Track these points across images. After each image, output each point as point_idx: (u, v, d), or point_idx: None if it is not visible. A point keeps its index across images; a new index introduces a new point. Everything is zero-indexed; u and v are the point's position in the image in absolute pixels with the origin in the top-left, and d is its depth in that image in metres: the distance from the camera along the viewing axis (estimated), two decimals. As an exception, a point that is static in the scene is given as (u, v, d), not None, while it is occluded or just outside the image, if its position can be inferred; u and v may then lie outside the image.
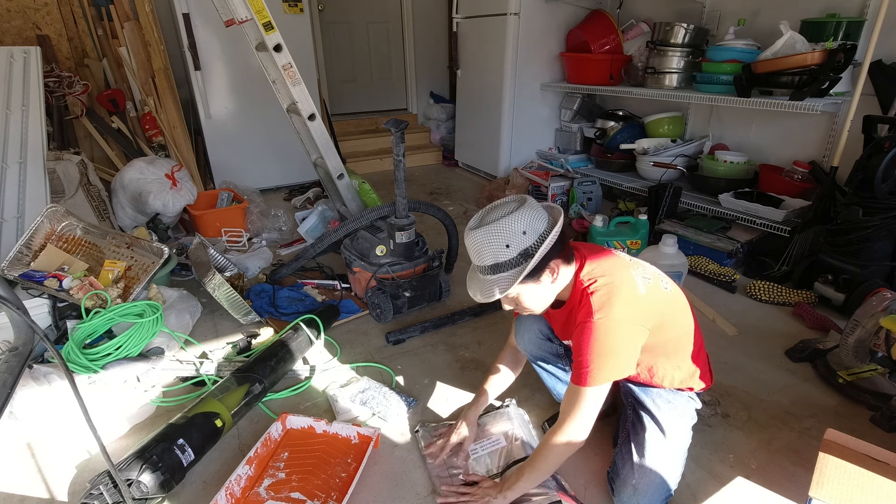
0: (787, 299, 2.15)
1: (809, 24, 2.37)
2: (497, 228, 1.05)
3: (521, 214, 1.05)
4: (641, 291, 1.11)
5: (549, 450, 1.12)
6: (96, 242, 2.06)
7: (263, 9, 2.09)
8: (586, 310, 1.07)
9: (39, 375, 1.44)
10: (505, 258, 1.06)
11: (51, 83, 3.22)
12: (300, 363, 1.76)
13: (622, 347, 1.08)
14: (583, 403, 1.08)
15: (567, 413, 1.10)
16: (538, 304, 1.15)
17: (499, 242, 1.05)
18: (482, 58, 3.74)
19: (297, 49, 2.77)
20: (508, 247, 1.05)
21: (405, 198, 2.00)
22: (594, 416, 1.10)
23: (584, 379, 1.06)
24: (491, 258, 1.07)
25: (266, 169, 3.70)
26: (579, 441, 1.11)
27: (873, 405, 1.54)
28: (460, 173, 4.38)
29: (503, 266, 1.06)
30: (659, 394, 1.27)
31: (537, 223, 1.06)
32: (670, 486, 1.18)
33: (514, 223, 1.04)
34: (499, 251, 1.05)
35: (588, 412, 1.09)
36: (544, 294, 1.14)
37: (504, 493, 1.16)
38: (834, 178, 2.25)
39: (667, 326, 1.16)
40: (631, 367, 1.10)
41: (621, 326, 1.06)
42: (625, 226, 2.56)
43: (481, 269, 1.10)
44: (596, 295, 1.08)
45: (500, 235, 1.05)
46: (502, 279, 1.07)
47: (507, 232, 1.04)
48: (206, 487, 1.30)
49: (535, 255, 1.04)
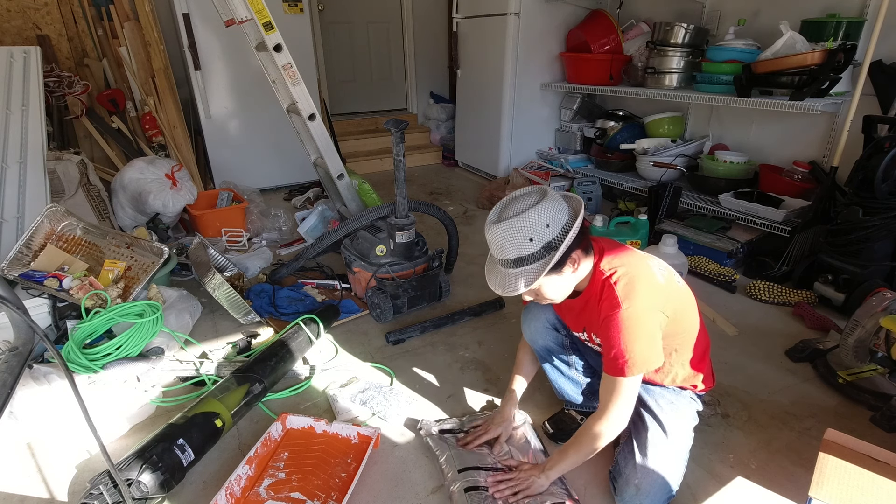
0: (787, 299, 2.15)
1: (809, 24, 2.37)
2: (520, 222, 1.04)
3: (544, 207, 1.04)
4: (661, 281, 1.14)
5: (592, 433, 1.14)
6: (96, 242, 2.06)
7: (263, 9, 2.09)
8: (611, 301, 1.08)
9: (39, 375, 1.44)
10: (529, 251, 1.04)
11: (51, 83, 3.22)
12: (300, 363, 1.76)
13: (652, 335, 1.10)
14: (622, 393, 1.10)
15: (608, 401, 1.12)
16: (559, 294, 1.15)
17: (522, 236, 1.04)
18: (482, 58, 3.73)
19: (297, 49, 2.76)
20: (532, 240, 1.04)
21: (405, 198, 2.00)
22: (633, 403, 1.13)
23: (622, 369, 1.08)
24: (514, 252, 1.05)
25: (266, 169, 3.70)
26: (621, 426, 1.13)
27: (873, 405, 1.54)
28: (460, 173, 4.38)
29: (527, 259, 1.05)
30: (661, 394, 1.27)
31: (560, 215, 1.05)
32: (672, 487, 1.18)
33: (537, 216, 1.03)
34: (522, 245, 1.04)
35: (628, 401, 1.12)
36: (564, 284, 1.14)
37: (547, 473, 1.20)
38: (834, 178, 2.25)
39: (680, 320, 1.18)
40: (661, 355, 1.13)
41: (648, 314, 1.08)
42: (625, 226, 2.56)
43: (503, 262, 1.09)
44: (619, 285, 1.08)
45: (523, 229, 1.03)
46: (527, 272, 1.06)
47: (531, 225, 1.03)
48: (206, 487, 1.30)
49: (560, 247, 1.03)
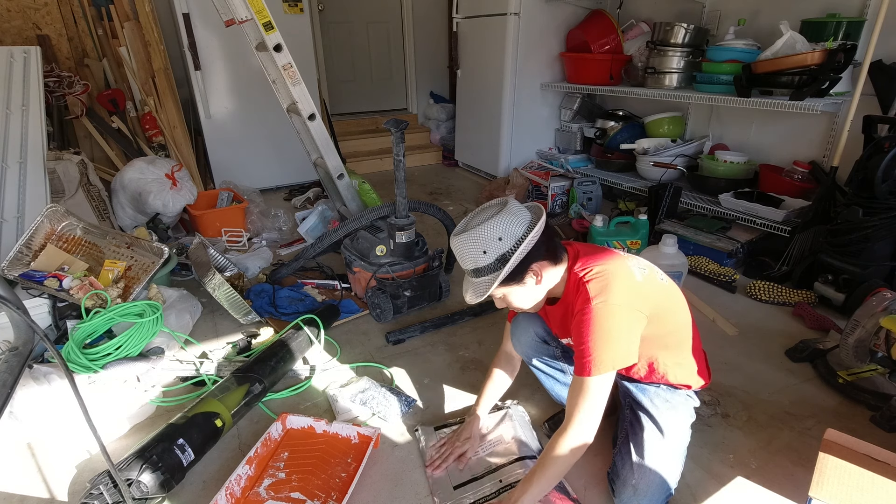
0: (787, 299, 2.15)
1: (809, 24, 2.37)
2: (475, 234, 1.08)
3: (498, 220, 1.07)
4: (638, 279, 1.12)
5: (556, 453, 1.07)
6: (96, 242, 2.06)
7: (263, 9, 2.09)
8: (584, 297, 1.07)
9: (39, 375, 1.44)
10: (483, 263, 1.09)
11: (51, 83, 3.22)
12: (300, 363, 1.76)
13: (623, 332, 1.06)
14: (588, 395, 1.05)
15: (572, 409, 1.07)
16: (527, 303, 1.18)
17: (477, 248, 1.08)
18: (482, 58, 3.73)
19: (297, 49, 2.77)
20: (486, 253, 1.08)
21: (405, 198, 2.00)
22: (601, 410, 1.07)
23: (588, 368, 1.04)
24: (471, 263, 1.11)
25: (266, 169, 3.71)
26: (587, 440, 1.07)
27: (873, 405, 1.54)
28: (460, 173, 4.38)
29: (482, 270, 1.10)
30: (657, 393, 1.26)
31: (515, 228, 1.08)
32: (670, 486, 1.18)
33: (490, 229, 1.07)
34: (477, 257, 1.09)
35: (594, 405, 1.06)
36: (531, 294, 1.16)
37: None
38: (834, 178, 2.25)
39: (665, 318, 1.16)
40: (633, 354, 1.08)
41: (621, 311, 1.06)
42: (625, 226, 2.56)
43: (467, 272, 1.14)
44: (593, 282, 1.08)
45: (478, 241, 1.08)
46: (483, 283, 1.11)
47: (485, 238, 1.07)
48: (206, 487, 1.30)
49: (511, 259, 1.06)
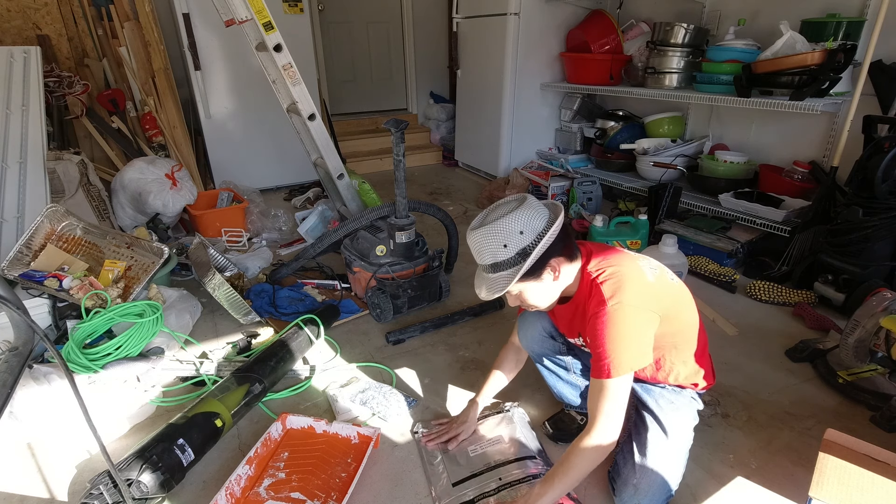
0: (787, 299, 2.14)
1: (809, 24, 2.37)
2: (496, 228, 1.07)
3: (519, 214, 1.06)
4: (650, 279, 1.13)
5: (579, 454, 1.06)
6: (96, 242, 2.06)
7: (263, 9, 2.09)
8: (598, 299, 1.07)
9: (39, 375, 1.44)
10: (503, 257, 1.07)
11: (51, 83, 3.21)
12: (300, 363, 1.76)
13: (639, 333, 1.07)
14: (609, 397, 1.05)
15: (595, 412, 1.06)
16: (542, 300, 1.16)
17: (497, 242, 1.07)
18: (482, 58, 3.73)
19: (297, 49, 2.77)
20: (506, 246, 1.06)
21: (405, 198, 2.00)
22: (622, 411, 1.06)
23: (606, 370, 1.04)
24: (490, 257, 1.09)
25: (266, 169, 3.71)
26: (611, 441, 1.06)
27: (873, 405, 1.54)
28: (460, 173, 4.38)
29: (502, 265, 1.08)
30: (661, 393, 1.27)
31: (535, 222, 1.07)
32: (671, 487, 1.18)
33: (511, 223, 1.06)
34: (497, 250, 1.07)
35: (616, 407, 1.06)
36: (548, 291, 1.14)
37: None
38: (834, 178, 2.25)
39: (674, 317, 1.17)
40: (649, 355, 1.08)
41: (636, 312, 1.06)
42: (625, 226, 2.56)
43: (483, 267, 1.13)
44: (606, 283, 1.08)
45: (498, 235, 1.06)
46: (501, 277, 1.09)
47: (505, 231, 1.06)
48: (206, 487, 1.30)
49: (532, 253, 1.05)
